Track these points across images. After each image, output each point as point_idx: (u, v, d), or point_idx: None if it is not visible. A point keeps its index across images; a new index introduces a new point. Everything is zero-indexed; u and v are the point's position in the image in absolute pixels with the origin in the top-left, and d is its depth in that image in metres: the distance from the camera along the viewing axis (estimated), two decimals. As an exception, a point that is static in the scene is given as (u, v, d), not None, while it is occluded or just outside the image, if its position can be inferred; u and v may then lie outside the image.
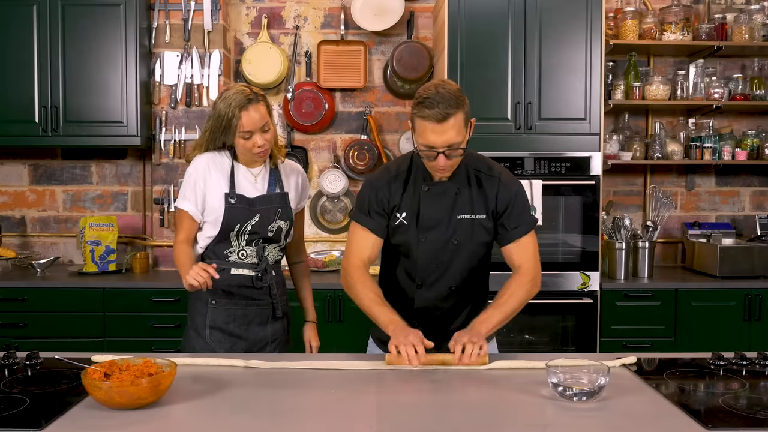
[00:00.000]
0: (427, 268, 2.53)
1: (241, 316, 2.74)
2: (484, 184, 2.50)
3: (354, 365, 2.27)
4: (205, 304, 2.75)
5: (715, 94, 4.63)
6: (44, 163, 4.98)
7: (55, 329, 4.21)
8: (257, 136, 2.63)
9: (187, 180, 2.75)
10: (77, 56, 4.45)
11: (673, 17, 4.60)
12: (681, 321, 4.31)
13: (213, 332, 2.73)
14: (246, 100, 2.60)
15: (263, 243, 2.75)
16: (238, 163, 2.76)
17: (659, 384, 2.07)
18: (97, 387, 1.81)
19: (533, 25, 4.23)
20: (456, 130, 2.28)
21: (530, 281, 2.52)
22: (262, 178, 2.78)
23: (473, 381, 2.13)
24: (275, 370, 2.23)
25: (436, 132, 2.27)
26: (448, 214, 2.48)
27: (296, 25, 4.97)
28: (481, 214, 2.49)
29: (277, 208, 2.75)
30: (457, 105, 2.26)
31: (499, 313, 2.40)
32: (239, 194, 2.71)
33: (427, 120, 2.26)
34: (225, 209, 2.68)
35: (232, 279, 2.71)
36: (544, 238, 4.27)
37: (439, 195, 2.48)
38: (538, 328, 4.31)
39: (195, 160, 2.77)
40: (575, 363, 2.04)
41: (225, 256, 2.73)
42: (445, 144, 2.28)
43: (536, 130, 4.25)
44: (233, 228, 2.69)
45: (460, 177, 2.49)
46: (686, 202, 5.10)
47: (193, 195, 2.72)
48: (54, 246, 5.02)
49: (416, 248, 2.51)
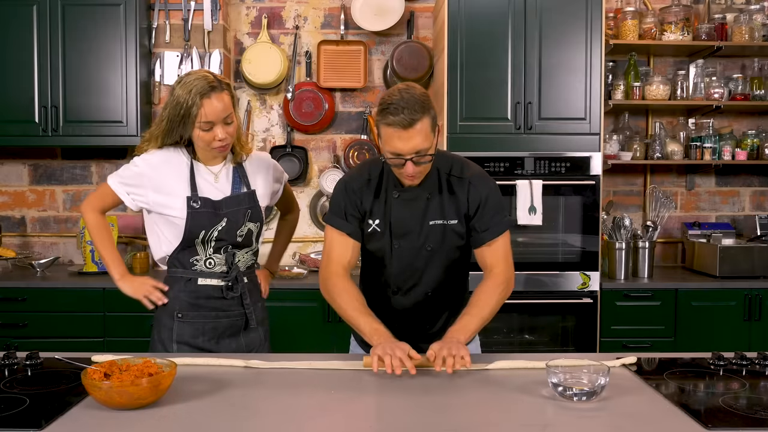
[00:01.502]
0: (402, 275, 2.49)
1: (211, 329, 2.57)
2: (455, 187, 2.43)
3: (354, 365, 2.27)
4: (170, 317, 2.56)
5: (715, 94, 4.63)
6: (44, 163, 4.98)
7: (55, 329, 4.21)
8: (218, 129, 2.41)
9: (132, 168, 2.55)
10: (77, 56, 4.45)
11: (673, 17, 4.60)
12: (681, 321, 4.31)
13: (181, 347, 2.55)
14: (209, 87, 2.36)
15: (233, 249, 2.56)
16: (197, 161, 2.55)
17: (659, 384, 2.07)
18: (97, 387, 1.81)
19: (533, 25, 4.23)
20: (423, 136, 2.20)
21: (503, 284, 2.43)
22: (225, 177, 2.58)
23: (473, 381, 2.13)
24: (275, 370, 2.23)
25: (402, 139, 2.19)
26: (419, 220, 2.43)
27: (296, 25, 4.97)
28: (453, 219, 2.44)
29: (246, 209, 2.56)
30: (422, 110, 2.19)
31: (476, 320, 2.32)
32: (203, 197, 2.49)
33: (393, 127, 2.18)
34: (187, 215, 2.47)
35: (199, 290, 2.54)
36: (544, 238, 4.27)
37: (410, 201, 2.43)
38: (538, 328, 4.32)
39: (146, 155, 2.55)
40: (575, 363, 2.03)
41: (191, 265, 2.54)
42: (412, 150, 2.21)
43: (536, 130, 4.25)
44: (197, 235, 2.48)
45: (431, 182, 2.43)
46: (686, 202, 5.10)
47: (133, 188, 2.54)
48: (54, 246, 5.02)
49: (390, 255, 2.47)
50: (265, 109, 5.00)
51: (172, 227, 2.53)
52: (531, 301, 4.28)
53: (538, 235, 4.28)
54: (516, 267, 4.18)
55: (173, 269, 2.58)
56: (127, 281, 2.64)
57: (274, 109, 5.00)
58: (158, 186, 2.52)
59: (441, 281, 2.52)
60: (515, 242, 4.26)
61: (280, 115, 4.99)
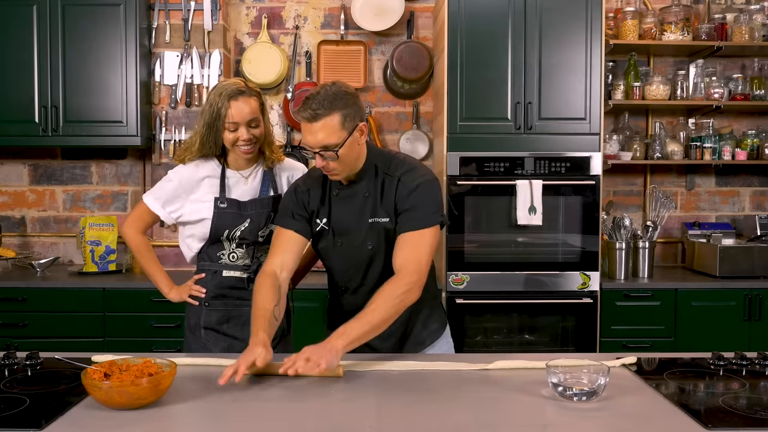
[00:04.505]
0: (346, 273, 2.50)
1: (236, 317, 2.73)
2: (387, 185, 2.40)
3: (353, 365, 2.27)
4: (199, 306, 2.76)
5: (715, 94, 4.63)
6: (44, 163, 4.98)
7: (55, 329, 4.21)
8: (243, 129, 2.59)
9: (166, 184, 2.73)
10: (77, 56, 4.45)
11: (673, 17, 4.60)
12: (681, 321, 4.31)
13: (207, 332, 2.74)
14: (237, 91, 2.58)
15: (254, 246, 2.73)
16: (228, 168, 2.73)
17: (659, 384, 2.07)
18: (97, 387, 1.81)
19: (533, 25, 4.23)
20: (327, 132, 2.24)
21: (405, 288, 2.26)
22: (253, 179, 2.75)
23: (473, 381, 2.13)
24: (275, 370, 2.23)
25: (308, 132, 2.27)
26: (358, 218, 2.42)
27: (296, 25, 4.97)
28: (384, 218, 2.40)
29: (269, 212, 2.72)
30: (331, 107, 2.24)
31: (362, 327, 2.17)
32: (230, 198, 2.69)
33: (301, 119, 2.28)
34: (214, 214, 2.67)
35: (224, 281, 2.73)
36: (544, 238, 4.27)
37: (349, 199, 2.44)
38: (538, 328, 4.32)
39: (178, 168, 2.74)
40: (575, 363, 2.04)
41: (217, 258, 2.73)
42: (318, 145, 2.25)
43: (536, 130, 4.25)
44: (222, 233, 2.68)
45: (368, 180, 2.42)
46: (686, 202, 5.10)
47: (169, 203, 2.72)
48: (54, 246, 5.02)
49: (333, 253, 2.49)
50: (265, 109, 5.00)
51: (203, 229, 2.71)
52: (531, 301, 4.28)
53: (538, 235, 4.27)
54: (516, 267, 4.25)
55: (202, 262, 2.78)
56: (173, 292, 2.85)
57: (274, 109, 5.00)
58: (193, 195, 2.71)
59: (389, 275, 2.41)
60: (515, 242, 4.27)
61: (280, 115, 4.99)
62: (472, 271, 4.26)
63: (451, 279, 4.24)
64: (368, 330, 2.19)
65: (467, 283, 4.24)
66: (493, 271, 4.26)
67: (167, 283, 2.86)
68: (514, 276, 4.26)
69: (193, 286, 2.77)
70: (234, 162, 2.73)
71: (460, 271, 4.24)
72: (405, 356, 2.44)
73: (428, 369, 2.24)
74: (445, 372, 2.21)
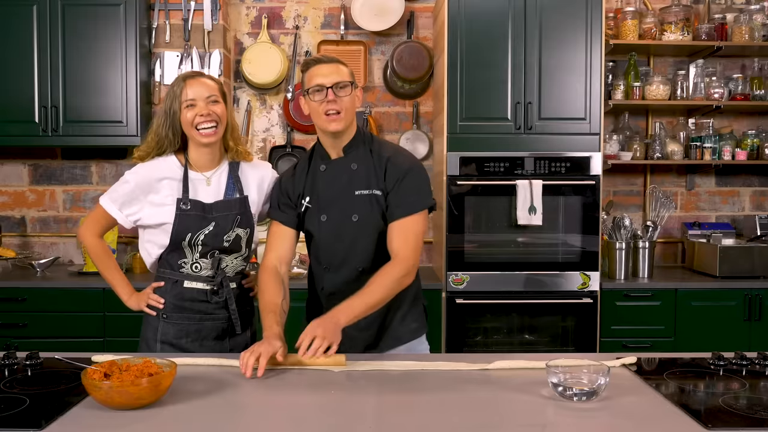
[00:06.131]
0: (331, 248, 2.52)
1: (195, 331, 2.59)
2: (375, 161, 2.50)
3: (353, 364, 2.27)
4: (156, 317, 2.61)
5: (715, 94, 4.64)
6: (44, 163, 4.98)
7: (55, 329, 4.21)
8: (201, 104, 2.48)
9: (122, 185, 2.59)
10: (77, 56, 4.45)
11: (673, 17, 4.61)
12: (681, 321, 4.31)
13: (164, 347, 2.58)
14: (195, 72, 2.58)
15: (219, 254, 2.57)
16: (191, 169, 2.59)
17: (659, 384, 2.07)
18: (97, 387, 1.81)
19: (533, 25, 4.23)
20: (340, 74, 2.44)
21: (403, 272, 2.37)
22: (217, 181, 2.61)
23: (473, 381, 2.13)
24: (275, 369, 2.23)
25: (320, 73, 2.43)
26: (345, 190, 2.48)
27: (296, 25, 4.97)
28: (377, 190, 2.47)
29: (236, 215, 2.57)
30: (340, 61, 2.51)
31: (363, 303, 2.29)
32: (194, 199, 2.54)
33: (316, 65, 2.46)
34: (175, 216, 2.52)
35: (185, 293, 2.58)
36: (544, 238, 4.27)
37: (336, 172, 2.51)
38: (538, 328, 4.32)
39: (136, 168, 2.60)
40: (575, 363, 2.04)
41: (179, 267, 2.58)
42: (333, 81, 2.41)
43: (536, 130, 4.25)
44: (183, 237, 2.52)
45: (356, 153, 2.52)
46: (686, 202, 5.10)
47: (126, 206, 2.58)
48: (54, 246, 5.02)
49: (318, 229, 2.52)
50: (265, 109, 5.00)
51: (163, 234, 2.56)
52: (531, 301, 4.28)
53: (538, 235, 4.27)
54: (516, 267, 4.26)
55: (162, 270, 2.63)
56: (132, 299, 2.70)
57: (274, 109, 5.00)
58: (151, 197, 2.57)
59: (374, 258, 2.49)
60: (515, 242, 4.27)
61: (280, 115, 4.99)
62: (472, 271, 4.26)
63: (451, 279, 4.24)
64: (367, 309, 2.32)
65: (467, 283, 4.24)
66: (493, 271, 4.26)
67: (127, 289, 2.70)
68: (514, 276, 4.26)
69: (151, 294, 2.63)
70: (196, 160, 2.59)
71: (460, 271, 4.24)
72: (405, 356, 2.44)
73: (428, 369, 2.24)
74: (445, 372, 2.21)
